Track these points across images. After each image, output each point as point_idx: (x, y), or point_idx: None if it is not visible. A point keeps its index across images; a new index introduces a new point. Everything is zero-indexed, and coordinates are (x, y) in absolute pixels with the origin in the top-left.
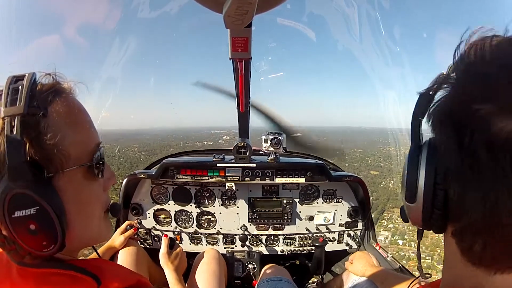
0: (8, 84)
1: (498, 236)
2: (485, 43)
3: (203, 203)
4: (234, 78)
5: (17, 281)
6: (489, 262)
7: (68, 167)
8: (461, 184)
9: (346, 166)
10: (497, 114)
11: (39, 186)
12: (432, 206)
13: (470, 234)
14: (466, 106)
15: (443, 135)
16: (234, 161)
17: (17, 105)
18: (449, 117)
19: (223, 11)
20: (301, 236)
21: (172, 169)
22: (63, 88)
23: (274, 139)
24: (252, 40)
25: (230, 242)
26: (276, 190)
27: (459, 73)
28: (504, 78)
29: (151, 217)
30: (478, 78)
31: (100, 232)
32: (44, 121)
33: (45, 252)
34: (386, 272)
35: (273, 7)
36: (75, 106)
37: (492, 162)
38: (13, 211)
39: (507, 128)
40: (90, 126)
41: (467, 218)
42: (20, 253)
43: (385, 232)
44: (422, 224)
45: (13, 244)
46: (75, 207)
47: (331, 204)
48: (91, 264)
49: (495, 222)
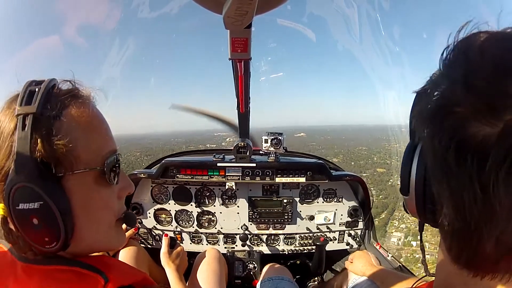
0: (26, 86)
1: (470, 241)
2: (467, 43)
3: (204, 202)
4: (233, 79)
5: (21, 279)
6: (470, 266)
7: (77, 169)
8: (439, 185)
9: (352, 164)
10: (471, 119)
11: (45, 182)
12: (423, 200)
13: (449, 236)
14: (448, 107)
15: (425, 134)
16: (234, 160)
17: (32, 104)
18: (431, 117)
19: (223, 11)
20: (301, 235)
21: (172, 168)
22: (81, 94)
23: (274, 139)
24: (251, 41)
25: (231, 242)
26: (276, 189)
27: (439, 76)
28: (481, 81)
29: (152, 216)
30: (454, 82)
31: (109, 240)
32: (57, 123)
33: (47, 248)
34: (386, 272)
35: (273, 8)
36: (90, 111)
37: (460, 167)
38: (17, 202)
39: (479, 134)
40: (106, 132)
41: (449, 223)
42: (23, 248)
43: (397, 233)
44: (418, 216)
45: (16, 239)
46: (83, 211)
47: (331, 203)
48: (97, 260)
49: (465, 226)
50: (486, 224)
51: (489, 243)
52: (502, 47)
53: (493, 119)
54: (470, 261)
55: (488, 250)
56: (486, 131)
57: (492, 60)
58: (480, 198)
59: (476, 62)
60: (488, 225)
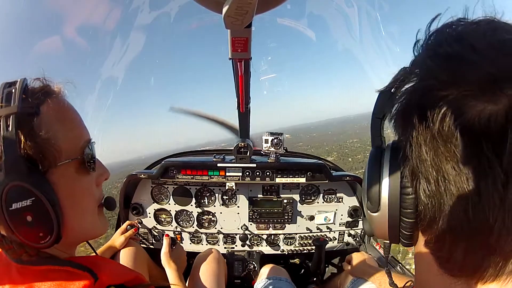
0: (2, 89)
1: (481, 241)
2: (449, 27)
3: (204, 203)
4: (234, 78)
5: (16, 280)
6: (470, 271)
7: (60, 161)
8: (433, 183)
9: (350, 160)
10: (473, 96)
11: (34, 178)
12: (400, 213)
13: (449, 242)
14: (434, 92)
15: (410, 130)
16: (234, 161)
17: (11, 105)
18: (415, 109)
19: (222, 11)
20: (301, 235)
21: (173, 169)
22: (53, 89)
23: (274, 139)
24: (252, 40)
25: (231, 242)
26: (276, 190)
27: (421, 61)
28: (476, 54)
29: (152, 217)
30: (443, 59)
31: (94, 227)
32: (37, 119)
33: (42, 244)
34: (384, 272)
35: (273, 7)
36: (64, 105)
37: (473, 154)
38: (10, 203)
39: (485, 112)
40: (80, 123)
41: (443, 224)
42: (17, 251)
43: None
44: (389, 236)
45: (10, 244)
46: (69, 201)
47: (331, 203)
48: (88, 260)
49: (479, 224)
50: (509, 214)
51: (510, 236)
52: (493, 28)
53: (494, 95)
54: (479, 265)
55: (507, 247)
56: (490, 109)
57: (485, 35)
58: (503, 183)
59: (469, 38)
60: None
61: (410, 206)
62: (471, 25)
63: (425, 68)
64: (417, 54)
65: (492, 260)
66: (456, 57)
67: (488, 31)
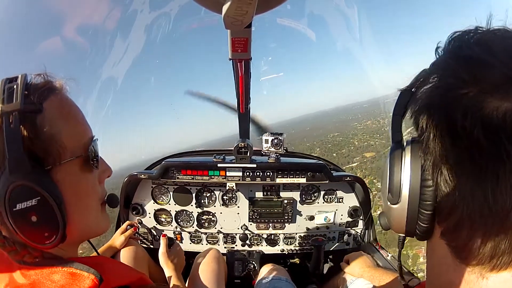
0: (3, 84)
1: (499, 226)
2: (467, 34)
3: (204, 203)
4: (234, 79)
5: (19, 282)
6: (485, 260)
7: (65, 159)
8: (455, 172)
9: (335, 155)
10: (490, 94)
11: (38, 177)
12: (419, 205)
13: (467, 229)
14: (455, 90)
15: (433, 124)
16: (234, 161)
17: (14, 102)
18: (438, 105)
19: (222, 11)
20: (301, 235)
21: (173, 169)
22: (55, 86)
23: (274, 139)
24: (252, 41)
25: (231, 242)
26: (276, 190)
27: (443, 63)
28: (493, 57)
29: (152, 217)
30: (464, 61)
31: (98, 224)
32: (40, 116)
33: (47, 244)
34: (384, 272)
35: (273, 7)
36: (68, 101)
37: (493, 143)
38: (14, 204)
39: (501, 108)
40: (83, 120)
41: (463, 211)
42: (20, 252)
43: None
44: (406, 228)
45: (13, 245)
46: (73, 199)
47: (331, 204)
48: (92, 261)
49: (496, 210)
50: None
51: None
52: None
53: (509, 94)
54: (495, 252)
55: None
56: (505, 106)
57: (502, 41)
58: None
59: (488, 43)
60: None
61: (430, 198)
62: (489, 32)
63: (447, 68)
64: (438, 57)
65: (507, 247)
66: (476, 59)
67: (504, 37)
